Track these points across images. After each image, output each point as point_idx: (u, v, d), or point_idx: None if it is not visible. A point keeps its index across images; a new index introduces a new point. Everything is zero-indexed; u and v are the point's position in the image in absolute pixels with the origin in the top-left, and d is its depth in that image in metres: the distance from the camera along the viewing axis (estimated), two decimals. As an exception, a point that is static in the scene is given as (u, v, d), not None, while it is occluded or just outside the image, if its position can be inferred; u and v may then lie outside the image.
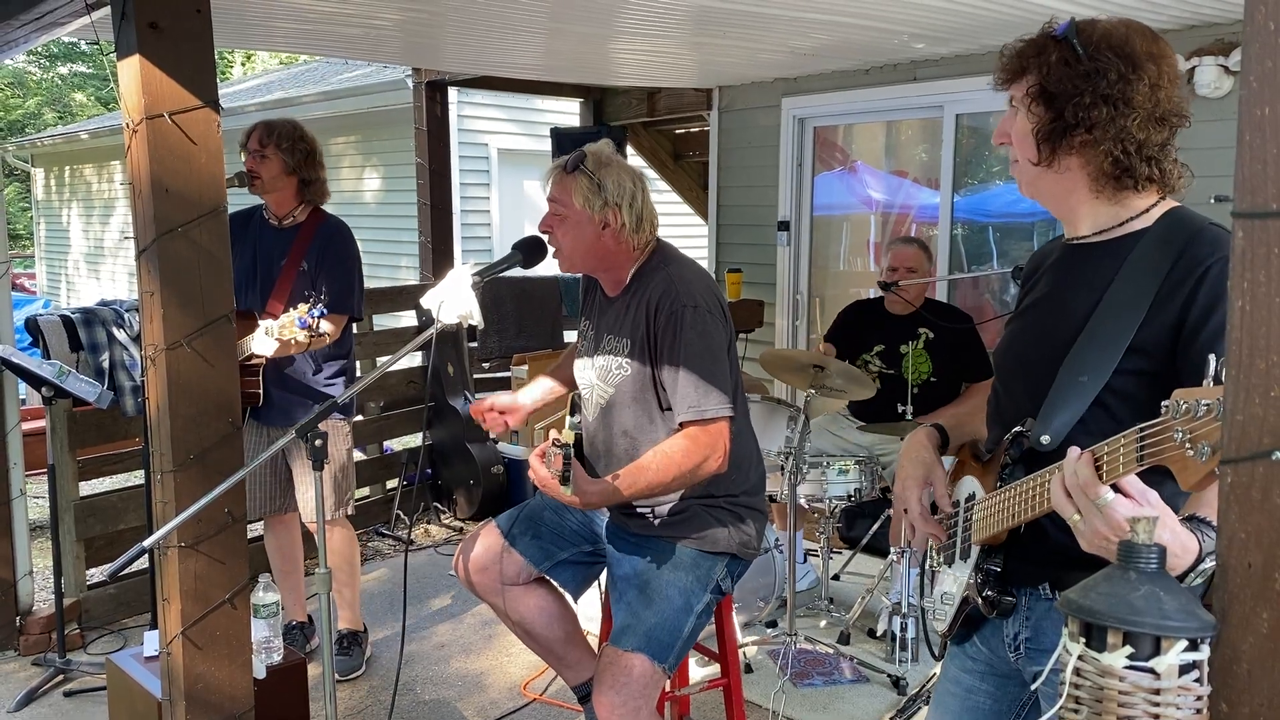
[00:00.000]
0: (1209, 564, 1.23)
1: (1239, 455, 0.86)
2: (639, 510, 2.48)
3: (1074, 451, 1.31)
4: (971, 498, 1.69)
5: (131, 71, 2.29)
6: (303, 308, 3.02)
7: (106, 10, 2.42)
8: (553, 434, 2.26)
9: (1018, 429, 1.57)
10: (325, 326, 3.05)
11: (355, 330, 3.76)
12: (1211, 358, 1.10)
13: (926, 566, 1.85)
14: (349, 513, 3.65)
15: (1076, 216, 1.60)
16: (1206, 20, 3.84)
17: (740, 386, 2.46)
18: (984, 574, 1.62)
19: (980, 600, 1.62)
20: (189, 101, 2.32)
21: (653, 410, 2.41)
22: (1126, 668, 0.93)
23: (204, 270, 2.38)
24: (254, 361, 3.32)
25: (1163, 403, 1.14)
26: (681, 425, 2.32)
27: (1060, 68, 1.49)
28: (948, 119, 4.97)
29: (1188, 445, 1.11)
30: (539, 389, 2.84)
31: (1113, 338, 1.47)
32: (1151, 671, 0.92)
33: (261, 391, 3.38)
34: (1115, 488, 1.25)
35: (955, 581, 1.71)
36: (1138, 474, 1.25)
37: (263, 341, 3.08)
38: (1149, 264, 1.48)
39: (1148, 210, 1.54)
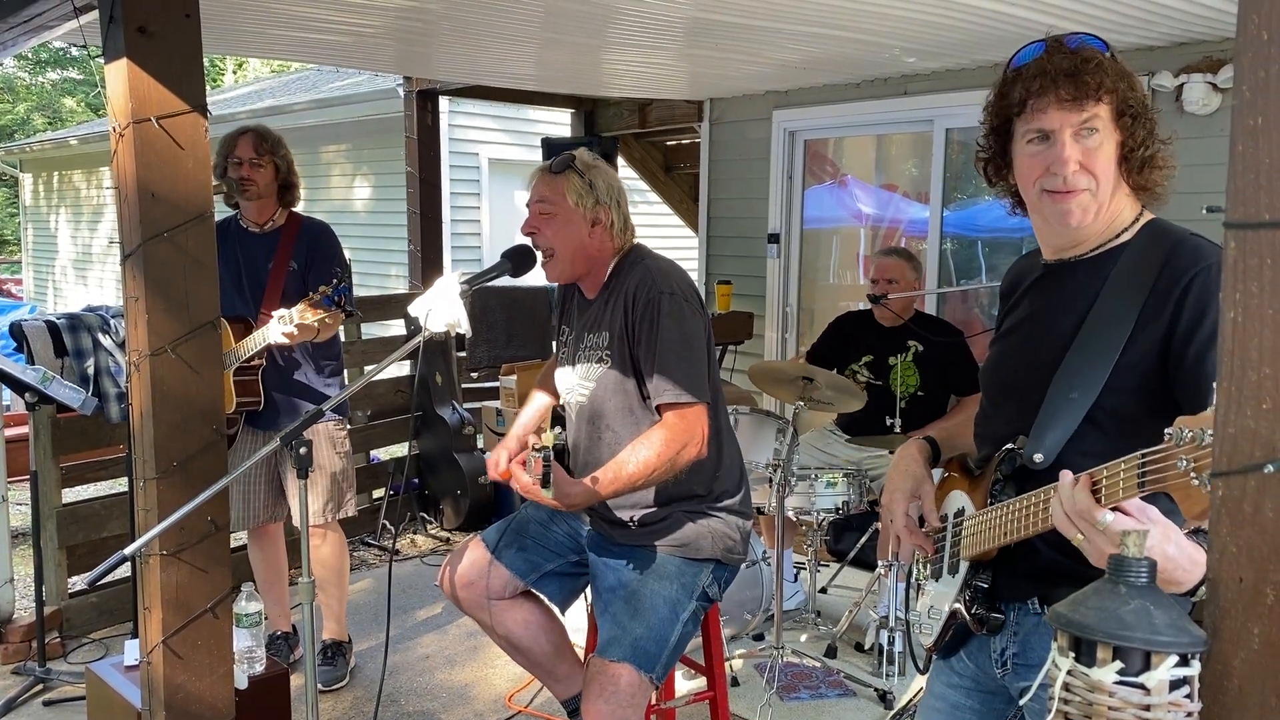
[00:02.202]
0: None
1: (1230, 468, 0.86)
2: (621, 518, 2.46)
3: (1067, 476, 1.29)
4: (960, 513, 1.68)
5: (119, 75, 2.27)
6: (325, 288, 3.04)
7: (95, 13, 2.41)
8: (530, 439, 2.26)
9: (1009, 446, 1.57)
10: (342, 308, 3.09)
11: (343, 338, 3.75)
12: (1216, 386, 1.09)
13: (912, 579, 1.84)
14: (350, 513, 3.63)
15: (1081, 234, 1.56)
16: (1195, 38, 3.86)
17: (718, 382, 2.46)
18: (972, 591, 1.61)
19: (969, 617, 1.61)
20: (177, 106, 2.30)
21: (634, 403, 2.41)
22: (1116, 683, 0.92)
23: (190, 276, 2.36)
24: (254, 364, 3.31)
25: (1166, 430, 1.12)
26: (659, 410, 2.32)
27: (1129, 90, 1.48)
28: (938, 133, 4.99)
29: (1192, 474, 1.08)
30: (535, 406, 2.81)
31: (1101, 354, 1.47)
32: (1141, 687, 0.91)
33: (261, 396, 3.38)
34: (1116, 509, 1.24)
35: (942, 596, 1.70)
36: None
37: (278, 329, 3.07)
38: (1132, 278, 1.48)
39: (1130, 225, 1.54)
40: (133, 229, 2.31)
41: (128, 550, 2.10)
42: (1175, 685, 0.91)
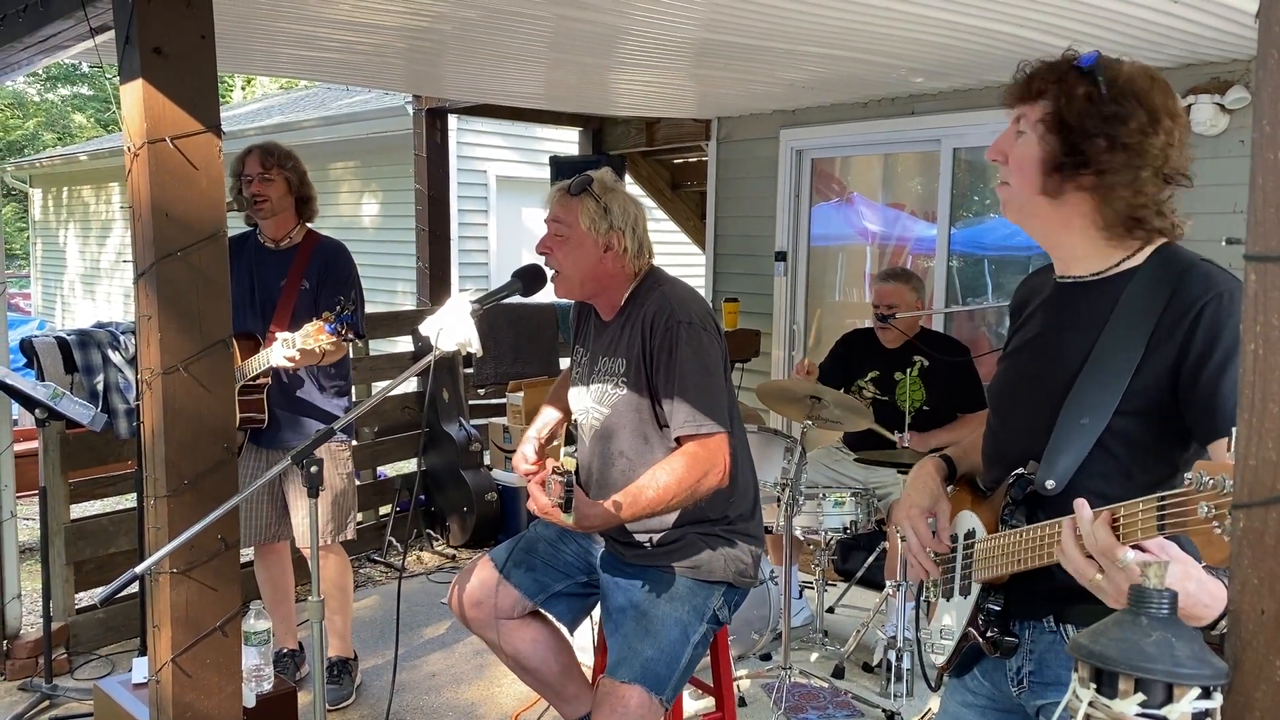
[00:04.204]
0: None
1: (1252, 500, 0.86)
2: (635, 539, 2.46)
3: (1085, 511, 1.28)
4: (971, 534, 1.68)
5: (134, 95, 2.28)
6: (329, 315, 3.03)
7: (110, 34, 2.43)
8: (550, 462, 2.25)
9: (1020, 471, 1.56)
10: (350, 335, 3.08)
11: (351, 355, 3.76)
12: (1235, 430, 1.08)
13: (922, 598, 1.84)
14: (350, 536, 3.63)
15: (1064, 251, 1.58)
16: (1203, 59, 3.87)
17: (735, 407, 2.46)
18: (985, 613, 1.61)
19: (982, 640, 1.61)
20: (191, 126, 2.31)
21: (648, 429, 2.41)
22: (1138, 715, 0.92)
23: (202, 294, 2.36)
24: (259, 382, 3.31)
25: (1186, 475, 1.12)
26: (679, 441, 2.32)
27: (1083, 103, 1.46)
28: (945, 153, 5.00)
29: (1214, 522, 1.08)
30: (547, 418, 2.81)
31: (1111, 379, 1.47)
32: (1163, 719, 0.91)
33: (266, 414, 3.38)
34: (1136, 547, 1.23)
35: (954, 616, 1.70)
36: None
37: (281, 353, 3.07)
38: (1142, 304, 1.47)
39: (1139, 250, 1.54)
40: (146, 248, 2.32)
41: (139, 568, 2.10)
42: (1197, 718, 0.91)
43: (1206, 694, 0.90)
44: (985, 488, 1.73)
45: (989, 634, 1.59)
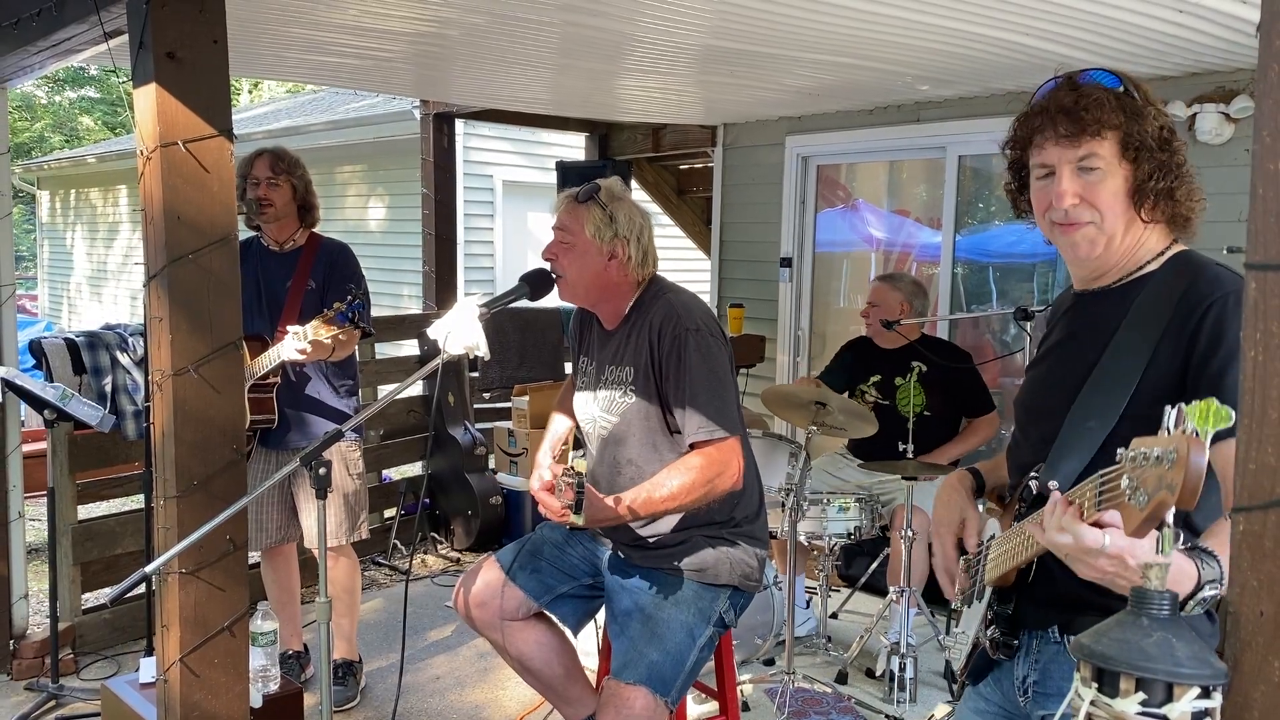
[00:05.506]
0: (1208, 592, 1.23)
1: (1251, 504, 0.87)
2: (641, 540, 2.48)
3: (1056, 495, 1.33)
4: (992, 539, 1.71)
5: (147, 100, 2.31)
6: (339, 304, 3.05)
7: (123, 38, 2.45)
8: (558, 467, 2.27)
9: (1031, 474, 1.59)
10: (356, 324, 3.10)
11: (358, 358, 3.78)
12: (1168, 408, 1.11)
13: (952, 607, 1.86)
14: (364, 535, 3.64)
15: (1109, 267, 1.59)
16: (1208, 68, 3.89)
17: (740, 412, 2.48)
18: (993, 615, 1.63)
19: (986, 641, 1.63)
20: (203, 130, 2.33)
21: (657, 437, 2.42)
22: (1139, 714, 0.93)
23: (213, 297, 2.39)
24: (268, 381, 3.33)
25: (1119, 450, 1.16)
26: (693, 447, 2.33)
27: (1151, 124, 1.50)
28: (950, 160, 5.01)
29: (1128, 492, 1.12)
30: (558, 429, 2.81)
31: (1119, 383, 1.49)
32: (1164, 719, 0.93)
33: (276, 413, 3.39)
34: (1098, 524, 1.26)
35: (971, 622, 1.73)
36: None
37: (293, 345, 3.09)
38: (1154, 308, 1.49)
39: (1159, 255, 1.56)
40: (158, 250, 2.35)
41: (149, 568, 2.12)
42: (1197, 717, 0.92)
43: (1206, 694, 0.92)
44: (1007, 495, 1.76)
45: (989, 633, 1.62)
